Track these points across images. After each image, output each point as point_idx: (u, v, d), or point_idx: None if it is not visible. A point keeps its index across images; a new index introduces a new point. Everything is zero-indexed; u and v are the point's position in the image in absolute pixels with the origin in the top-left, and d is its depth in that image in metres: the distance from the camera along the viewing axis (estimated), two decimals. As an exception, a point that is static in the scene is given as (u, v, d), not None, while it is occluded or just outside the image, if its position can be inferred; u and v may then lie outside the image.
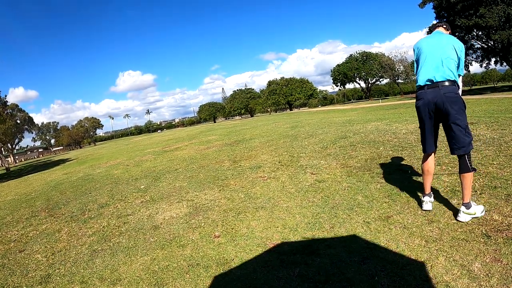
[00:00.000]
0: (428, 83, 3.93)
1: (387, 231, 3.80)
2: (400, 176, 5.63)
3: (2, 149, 59.69)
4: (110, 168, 14.58)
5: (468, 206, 3.74)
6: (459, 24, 35.44)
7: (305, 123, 18.62)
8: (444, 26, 4.39)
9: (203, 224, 4.92)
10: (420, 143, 4.46)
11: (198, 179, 8.13)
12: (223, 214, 5.18)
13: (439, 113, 3.85)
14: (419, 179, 5.27)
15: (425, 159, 4.30)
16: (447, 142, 4.01)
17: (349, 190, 5.35)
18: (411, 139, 8.21)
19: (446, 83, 3.80)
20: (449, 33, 4.32)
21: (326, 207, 4.79)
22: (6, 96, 24.43)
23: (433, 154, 4.25)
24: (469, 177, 3.74)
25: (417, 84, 4.12)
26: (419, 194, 4.60)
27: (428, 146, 4.17)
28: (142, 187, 8.50)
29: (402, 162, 6.41)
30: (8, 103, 56.10)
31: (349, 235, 3.86)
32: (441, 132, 4.18)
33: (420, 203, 4.36)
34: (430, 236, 3.55)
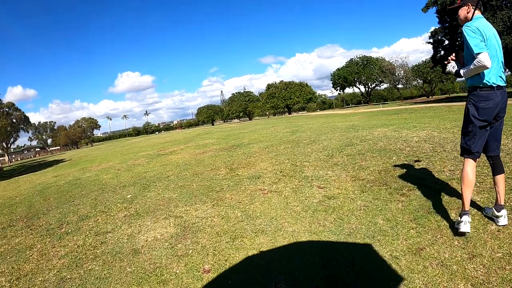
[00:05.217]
0: (500, 83, 3.46)
1: (422, 270, 3.02)
2: (423, 192, 4.86)
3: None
4: (101, 172, 13.77)
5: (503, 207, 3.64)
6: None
7: (306, 128, 17.81)
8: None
9: (191, 251, 4.08)
10: (462, 148, 3.78)
11: (190, 189, 7.30)
12: (216, 239, 4.34)
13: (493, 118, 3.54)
14: (446, 196, 4.55)
15: (469, 168, 3.62)
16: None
17: (366, 210, 4.53)
18: (425, 148, 7.45)
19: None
20: None
21: (341, 233, 3.97)
22: (0, 94, 23.55)
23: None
24: (504, 177, 3.71)
25: (484, 81, 3.43)
26: (451, 215, 3.95)
27: (479, 152, 3.64)
28: (128, 196, 7.68)
29: (421, 175, 5.65)
30: (4, 102, 55.38)
31: (376, 277, 3.05)
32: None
33: (454, 224, 3.70)
34: (476, 278, 2.83)
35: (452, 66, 3.91)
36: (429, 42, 42.38)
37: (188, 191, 7.14)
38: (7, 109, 55.18)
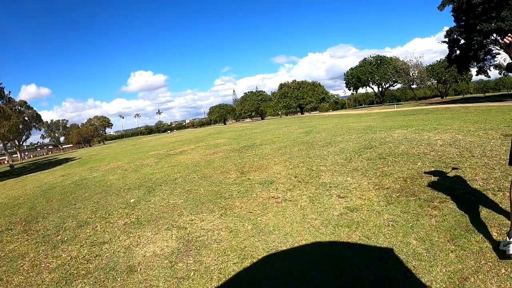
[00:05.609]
0: None
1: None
2: (457, 204, 4.26)
3: (10, 145, 59.39)
4: (108, 172, 13.36)
5: None
6: (480, 29, 33.42)
7: (320, 129, 17.16)
8: None
9: (192, 273, 3.52)
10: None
11: (197, 195, 6.76)
12: (222, 258, 3.77)
13: None
14: (483, 209, 3.97)
15: None
16: None
17: (395, 227, 3.93)
18: (452, 153, 6.82)
19: None
20: None
21: (369, 256, 3.38)
22: (10, 92, 23.48)
23: None
24: None
25: None
26: (493, 234, 3.40)
27: None
28: (132, 200, 7.19)
29: (451, 184, 5.05)
30: (17, 100, 55.81)
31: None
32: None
33: (499, 245, 3.15)
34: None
35: (503, 59, 3.18)
36: (444, 42, 41.29)
37: (194, 197, 6.60)
38: (19, 107, 55.54)
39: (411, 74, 69.80)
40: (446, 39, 40.75)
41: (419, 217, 4.08)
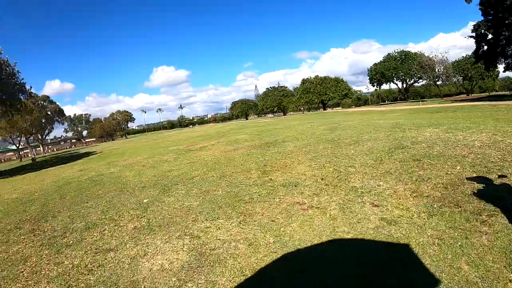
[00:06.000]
0: None
1: None
2: (509, 219, 3.68)
3: (33, 138, 60.49)
4: (125, 167, 13.04)
5: None
6: (509, 23, 31.59)
7: (345, 125, 16.36)
8: None
9: (203, 297, 2.98)
10: None
11: (215, 197, 6.22)
12: (238, 278, 3.21)
13: None
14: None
15: None
16: None
17: (441, 246, 3.31)
18: (493, 156, 6.13)
19: None
20: None
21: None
22: (31, 87, 23.56)
23: None
24: None
25: None
26: None
27: None
28: (145, 201, 6.73)
29: (499, 193, 4.44)
30: (39, 95, 56.78)
31: None
32: None
33: None
34: None
35: None
36: (471, 36, 39.32)
37: (211, 199, 6.06)
38: (42, 102, 56.34)
39: (436, 70, 67.49)
40: (473, 34, 38.81)
41: (467, 234, 3.46)
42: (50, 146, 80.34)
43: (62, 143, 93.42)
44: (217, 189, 6.73)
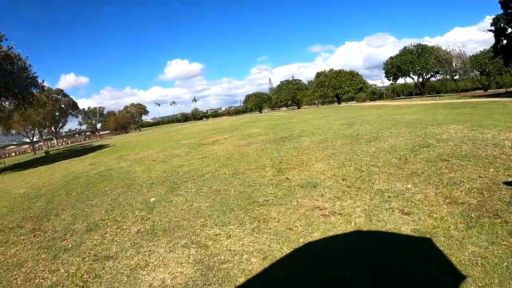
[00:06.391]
0: None
1: None
2: None
3: (47, 131, 60.88)
4: (136, 162, 12.67)
5: None
6: None
7: (362, 120, 15.67)
8: None
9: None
10: None
11: (226, 197, 5.74)
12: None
13: None
14: None
15: None
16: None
17: (485, 267, 2.81)
18: (529, 158, 5.51)
19: None
20: None
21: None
22: (43, 81, 23.39)
23: None
24: None
25: None
26: None
27: None
28: (152, 200, 6.30)
29: None
30: (53, 88, 57.11)
31: None
32: None
33: None
34: None
35: None
36: (490, 30, 37.90)
37: (222, 200, 5.58)
38: (56, 95, 56.45)
39: (454, 64, 65.69)
40: (492, 28, 37.41)
41: (513, 251, 2.92)
42: (65, 139, 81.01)
43: (77, 135, 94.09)
44: (229, 188, 6.26)
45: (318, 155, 8.08)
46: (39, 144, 58.65)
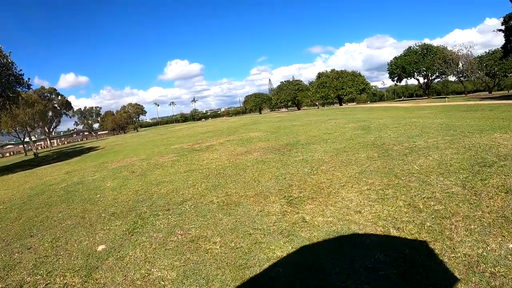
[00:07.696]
0: None
1: None
2: None
3: (40, 131, 58.76)
4: (112, 173, 10.74)
5: None
6: None
7: (378, 124, 13.41)
8: None
9: None
10: None
11: (206, 259, 3.61)
12: None
13: None
14: None
15: None
16: None
17: None
18: None
19: None
20: None
21: None
22: (29, 79, 21.41)
23: None
24: None
25: None
26: None
27: None
28: (99, 249, 4.25)
29: None
30: (46, 88, 55.19)
31: None
32: None
33: None
34: None
35: None
36: (500, 30, 35.64)
37: (199, 267, 3.44)
38: (48, 94, 54.09)
39: (461, 65, 63.83)
40: (503, 27, 35.19)
41: None
42: (62, 139, 78.95)
43: (75, 135, 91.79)
44: (214, 237, 4.09)
45: (340, 175, 5.98)
46: (36, 144, 56.56)
